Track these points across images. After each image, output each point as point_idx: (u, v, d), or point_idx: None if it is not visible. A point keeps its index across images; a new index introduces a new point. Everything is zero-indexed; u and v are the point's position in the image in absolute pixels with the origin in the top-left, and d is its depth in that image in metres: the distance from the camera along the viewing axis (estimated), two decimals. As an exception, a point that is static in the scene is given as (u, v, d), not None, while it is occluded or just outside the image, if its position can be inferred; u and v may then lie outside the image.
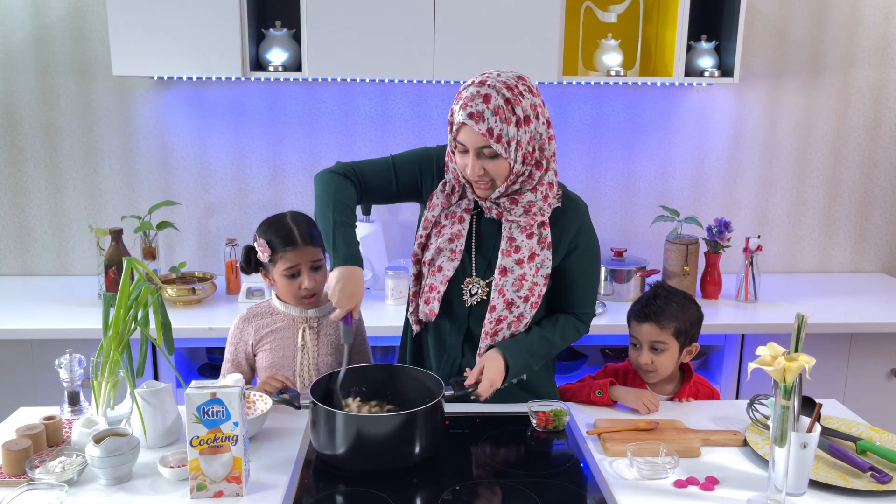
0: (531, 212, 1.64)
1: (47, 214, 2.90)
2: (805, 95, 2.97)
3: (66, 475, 1.37)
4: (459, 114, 1.54)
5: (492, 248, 1.71)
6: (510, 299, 1.67)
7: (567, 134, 2.94)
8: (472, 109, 1.52)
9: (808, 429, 1.37)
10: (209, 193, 2.91)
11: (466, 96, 1.54)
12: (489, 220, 1.71)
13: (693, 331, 1.86)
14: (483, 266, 1.72)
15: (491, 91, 1.53)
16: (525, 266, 1.66)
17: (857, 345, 2.53)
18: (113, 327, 1.52)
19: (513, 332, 1.71)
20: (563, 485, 1.45)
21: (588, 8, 2.72)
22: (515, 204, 1.63)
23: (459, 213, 1.70)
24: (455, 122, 1.57)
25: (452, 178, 1.68)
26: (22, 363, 2.36)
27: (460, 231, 1.70)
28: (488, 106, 1.51)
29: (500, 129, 1.52)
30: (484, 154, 1.55)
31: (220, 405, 1.31)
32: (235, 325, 1.87)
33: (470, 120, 1.52)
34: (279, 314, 1.85)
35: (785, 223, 3.08)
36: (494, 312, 1.68)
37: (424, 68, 2.48)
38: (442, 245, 1.71)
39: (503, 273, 1.66)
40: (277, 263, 1.78)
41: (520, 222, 1.65)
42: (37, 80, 2.79)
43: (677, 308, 1.84)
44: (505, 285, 1.66)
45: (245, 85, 2.84)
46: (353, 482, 1.43)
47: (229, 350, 1.87)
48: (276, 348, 1.82)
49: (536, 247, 1.66)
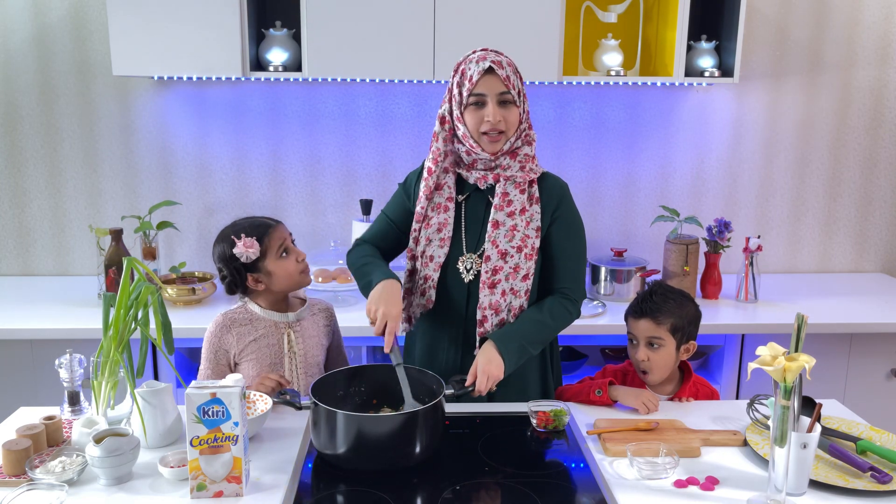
0: (525, 168, 1.75)
1: (47, 214, 2.90)
2: (805, 95, 2.97)
3: (66, 475, 1.37)
4: (480, 65, 1.68)
5: (480, 224, 1.77)
6: (504, 249, 1.72)
7: (567, 134, 2.95)
8: (493, 59, 1.68)
9: (808, 429, 1.37)
10: (209, 193, 2.91)
11: (480, 53, 1.71)
12: (475, 203, 1.78)
13: (690, 328, 1.86)
14: (473, 242, 1.78)
15: (498, 55, 1.71)
16: (517, 218, 1.73)
17: (857, 345, 2.53)
18: (113, 327, 1.52)
19: (512, 286, 1.72)
20: (563, 485, 1.45)
21: (588, 8, 2.72)
22: (514, 158, 1.74)
23: (444, 203, 1.78)
24: (474, 75, 1.68)
25: (432, 158, 1.77)
26: (22, 363, 2.36)
27: (447, 220, 1.78)
28: (503, 58, 1.71)
29: (514, 81, 1.70)
30: (504, 101, 1.69)
31: (220, 405, 1.31)
32: (213, 333, 1.80)
33: (495, 66, 1.67)
34: (260, 320, 1.81)
35: (785, 223, 3.08)
36: (490, 262, 1.72)
37: (424, 68, 2.48)
38: (431, 235, 1.78)
39: (495, 226, 1.73)
40: (268, 250, 1.77)
41: (516, 178, 1.74)
42: (37, 80, 2.79)
43: (674, 305, 1.84)
44: (498, 237, 1.73)
45: (245, 85, 2.84)
46: (353, 482, 1.43)
47: (208, 358, 1.80)
48: (262, 357, 1.79)
49: (527, 202, 1.74)
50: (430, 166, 1.78)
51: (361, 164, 2.92)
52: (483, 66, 1.66)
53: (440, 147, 1.76)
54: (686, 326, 1.84)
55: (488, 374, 1.62)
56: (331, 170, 2.92)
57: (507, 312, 1.73)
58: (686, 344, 1.85)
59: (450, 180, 1.78)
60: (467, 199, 1.80)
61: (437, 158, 1.77)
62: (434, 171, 1.77)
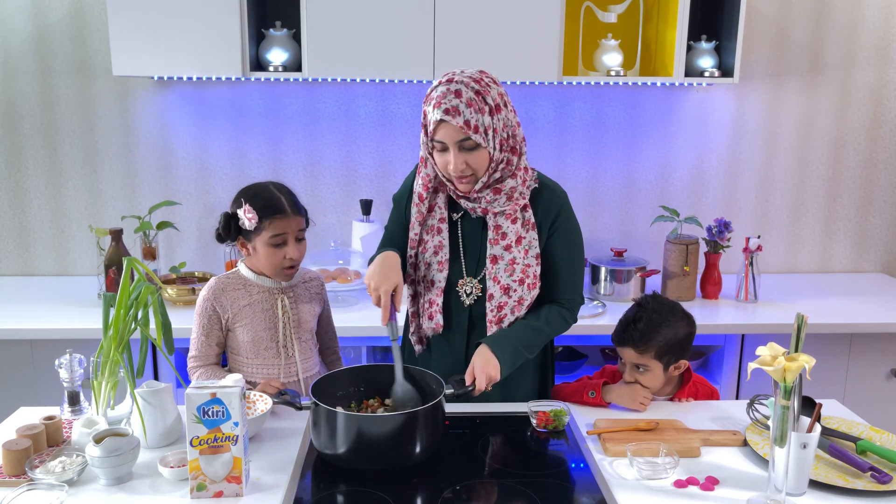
0: (513, 198, 1.68)
1: (47, 214, 2.90)
2: (805, 95, 2.97)
3: (66, 475, 1.37)
4: (434, 113, 1.58)
5: (478, 247, 1.75)
6: (506, 284, 1.70)
7: (567, 134, 2.95)
8: (447, 105, 1.56)
9: (808, 429, 1.37)
10: (209, 193, 2.91)
11: (437, 95, 1.58)
12: (471, 222, 1.75)
13: (681, 348, 1.80)
14: (473, 266, 1.75)
15: (460, 86, 1.58)
16: (514, 250, 1.69)
17: (857, 345, 2.53)
18: (113, 327, 1.52)
19: (517, 316, 1.72)
20: (563, 485, 1.45)
21: (588, 8, 2.72)
22: (499, 193, 1.67)
23: (436, 225, 1.74)
24: (431, 122, 1.60)
25: (422, 184, 1.73)
26: (22, 363, 2.36)
27: (441, 242, 1.74)
28: (461, 100, 1.56)
29: (476, 120, 1.57)
30: (464, 147, 1.59)
31: (220, 405, 1.31)
32: (205, 298, 1.79)
33: (447, 115, 1.56)
34: (253, 286, 1.80)
35: (785, 223, 3.08)
36: (493, 300, 1.71)
37: (424, 68, 2.48)
38: (429, 259, 1.75)
39: (494, 261, 1.70)
40: (263, 232, 1.74)
41: (505, 210, 1.69)
42: (37, 80, 2.79)
43: (660, 330, 1.76)
44: (498, 272, 1.70)
45: (245, 85, 2.84)
46: (353, 482, 1.43)
47: (200, 324, 1.79)
48: (256, 321, 1.78)
49: (521, 230, 1.70)
50: (422, 193, 1.73)
51: (361, 164, 2.92)
52: (436, 115, 1.57)
53: (429, 173, 1.72)
54: (675, 349, 1.78)
55: (486, 374, 1.61)
56: (331, 170, 2.92)
57: None
58: (675, 363, 1.80)
59: (440, 201, 1.74)
60: (463, 217, 1.76)
61: (427, 185, 1.73)
62: (426, 198, 1.74)
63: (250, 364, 1.80)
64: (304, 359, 1.83)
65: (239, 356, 1.81)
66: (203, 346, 1.79)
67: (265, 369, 1.79)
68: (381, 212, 2.91)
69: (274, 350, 1.80)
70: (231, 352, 1.83)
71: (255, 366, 1.79)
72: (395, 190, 1.93)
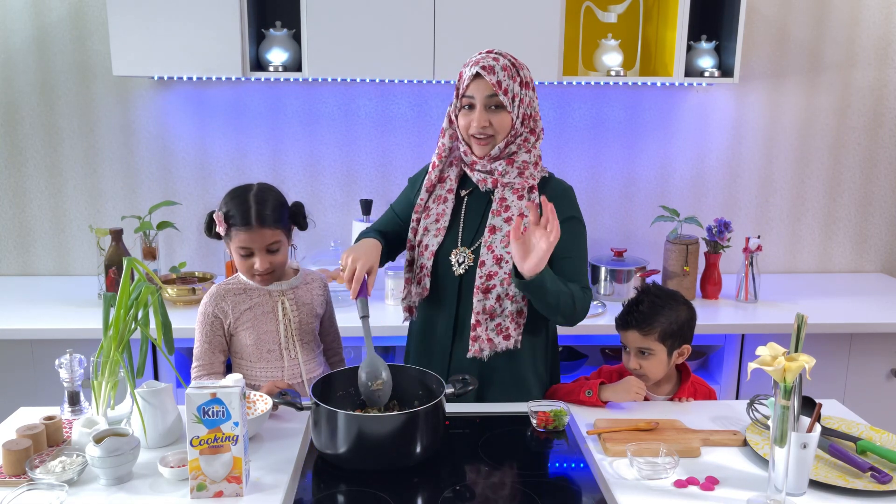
0: (524, 174, 1.75)
1: (47, 214, 2.90)
2: (805, 95, 2.97)
3: (66, 475, 1.37)
4: (471, 69, 1.69)
5: (479, 220, 1.78)
6: (499, 255, 1.72)
7: (567, 134, 2.95)
8: (485, 63, 1.68)
9: (808, 429, 1.37)
10: (209, 193, 2.91)
11: (478, 57, 1.71)
12: (477, 199, 1.79)
13: (682, 333, 1.82)
14: (469, 237, 1.78)
15: (499, 56, 1.71)
16: (514, 223, 1.67)
17: (857, 345, 2.53)
18: (113, 327, 1.52)
19: (507, 291, 1.72)
20: (563, 485, 1.45)
21: (588, 8, 2.72)
22: (511, 164, 1.75)
23: (444, 195, 1.81)
24: (465, 79, 1.70)
25: (436, 153, 1.80)
26: (22, 363, 2.36)
27: (444, 210, 1.80)
28: (498, 63, 1.69)
29: (507, 84, 1.69)
30: (491, 107, 1.69)
31: (220, 405, 1.31)
32: (207, 304, 1.79)
33: (483, 71, 1.67)
34: (253, 290, 1.81)
35: (785, 223, 3.08)
36: (484, 268, 1.72)
37: (424, 68, 2.48)
38: (429, 225, 1.80)
39: (492, 231, 1.74)
40: (233, 240, 1.74)
41: (514, 184, 1.74)
42: (37, 80, 2.79)
43: (663, 313, 1.79)
44: (494, 241, 1.73)
45: (245, 85, 2.84)
46: (353, 482, 1.43)
47: (203, 331, 1.79)
48: (258, 325, 1.79)
49: (525, 208, 1.73)
50: (435, 161, 1.82)
51: (361, 164, 2.92)
52: (473, 70, 1.68)
53: (445, 143, 1.80)
54: (677, 332, 1.80)
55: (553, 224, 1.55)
56: (331, 170, 2.92)
57: (502, 317, 1.73)
58: (679, 349, 1.83)
59: (452, 174, 1.82)
60: (470, 194, 1.82)
61: (441, 154, 1.81)
62: (438, 166, 1.81)
63: (254, 367, 1.80)
64: (308, 360, 1.84)
65: (243, 360, 1.82)
66: (206, 354, 1.80)
67: (269, 372, 1.80)
68: (380, 212, 2.90)
69: (277, 353, 1.80)
70: (235, 356, 1.84)
71: (258, 369, 1.80)
72: (395, 190, 1.94)
